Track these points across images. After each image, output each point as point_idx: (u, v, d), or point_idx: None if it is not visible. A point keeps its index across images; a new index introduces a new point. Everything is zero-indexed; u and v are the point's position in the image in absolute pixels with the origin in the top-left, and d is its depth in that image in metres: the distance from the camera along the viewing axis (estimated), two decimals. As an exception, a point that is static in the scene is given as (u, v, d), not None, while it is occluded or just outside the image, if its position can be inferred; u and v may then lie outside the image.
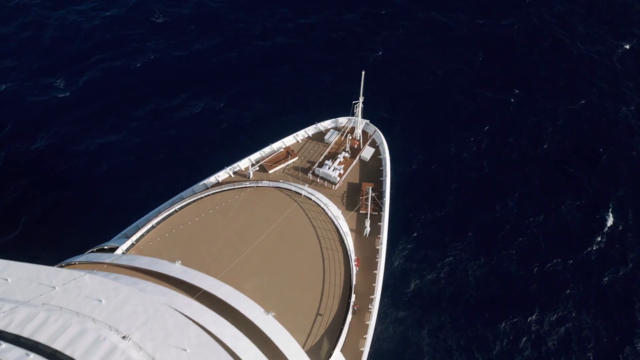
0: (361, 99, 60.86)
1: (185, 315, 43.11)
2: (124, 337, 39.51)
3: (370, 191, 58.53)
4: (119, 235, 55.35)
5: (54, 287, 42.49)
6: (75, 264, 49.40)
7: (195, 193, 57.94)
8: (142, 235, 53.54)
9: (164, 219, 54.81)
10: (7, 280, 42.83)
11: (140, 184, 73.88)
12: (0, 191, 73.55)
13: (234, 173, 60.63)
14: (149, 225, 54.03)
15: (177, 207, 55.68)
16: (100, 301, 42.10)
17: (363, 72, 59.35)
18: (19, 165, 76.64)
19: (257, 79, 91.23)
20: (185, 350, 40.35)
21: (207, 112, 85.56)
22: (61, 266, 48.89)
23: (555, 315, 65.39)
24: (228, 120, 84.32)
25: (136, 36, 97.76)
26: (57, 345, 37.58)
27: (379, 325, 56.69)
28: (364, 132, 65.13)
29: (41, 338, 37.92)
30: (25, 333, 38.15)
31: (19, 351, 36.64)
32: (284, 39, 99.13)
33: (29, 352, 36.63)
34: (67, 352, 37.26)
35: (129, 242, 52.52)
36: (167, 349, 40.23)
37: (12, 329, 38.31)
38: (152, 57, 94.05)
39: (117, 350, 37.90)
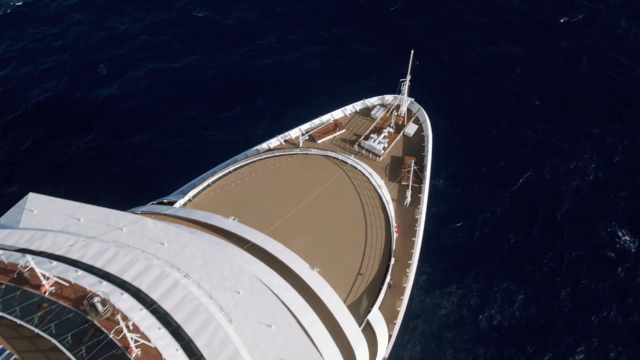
0: (408, 77, 61.91)
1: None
2: (185, 276, 41.93)
3: (412, 164, 59.82)
4: (177, 191, 57.93)
5: (122, 229, 45.13)
6: (138, 213, 52.01)
7: (248, 157, 60.09)
8: (199, 192, 56.09)
9: (218, 179, 57.24)
10: (79, 220, 45.67)
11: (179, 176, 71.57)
12: (56, 174, 77.07)
13: (285, 141, 62.55)
14: (204, 184, 56.57)
15: (231, 168, 58.03)
16: (163, 244, 44.60)
17: (412, 51, 60.48)
18: (68, 155, 79.47)
19: (295, 83, 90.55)
20: (239, 292, 42.56)
21: (246, 112, 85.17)
22: None
23: (581, 340, 63.47)
24: (266, 119, 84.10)
25: (179, 33, 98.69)
26: (126, 277, 40.17)
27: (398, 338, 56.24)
28: (409, 110, 66.26)
29: (112, 269, 40.56)
30: (98, 264, 40.86)
31: (93, 278, 39.33)
32: (321, 46, 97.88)
33: (102, 280, 39.29)
34: (135, 284, 39.80)
35: (186, 198, 55.11)
36: (222, 290, 42.51)
37: (86, 260, 41.06)
38: (193, 57, 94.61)
39: (179, 285, 40.28)
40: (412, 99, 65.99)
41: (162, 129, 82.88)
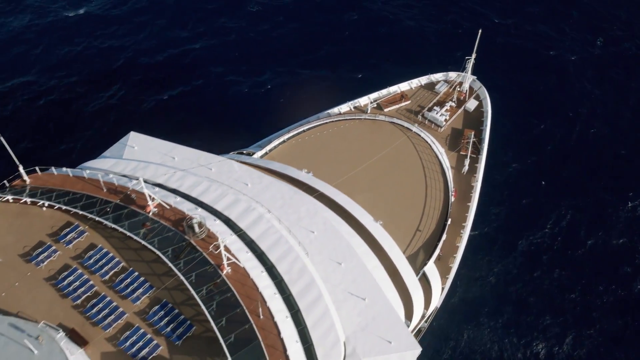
0: (473, 56, 62.83)
1: None
2: (268, 212, 44.58)
3: (471, 136, 61.00)
4: (254, 145, 60.62)
5: (211, 169, 48.09)
6: None
7: (320, 119, 62.29)
8: (274, 147, 58.75)
9: (293, 136, 59.73)
10: (174, 158, 48.84)
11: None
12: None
13: (354, 107, 64.47)
14: (280, 139, 59.17)
15: (305, 127, 60.40)
16: (247, 184, 47.36)
17: (480, 31, 61.31)
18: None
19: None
20: (314, 232, 45.01)
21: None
22: None
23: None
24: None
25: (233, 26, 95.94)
26: (218, 207, 43.13)
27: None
28: (470, 87, 67.15)
29: (205, 199, 43.58)
30: (194, 194, 43.96)
31: (189, 205, 42.44)
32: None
33: (197, 207, 42.29)
34: (225, 213, 42.71)
35: (264, 150, 57.90)
36: (298, 228, 45.02)
37: (183, 189, 44.28)
38: (249, 63, 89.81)
39: (264, 218, 43.00)
40: (475, 77, 66.82)
41: (220, 131, 76.99)
